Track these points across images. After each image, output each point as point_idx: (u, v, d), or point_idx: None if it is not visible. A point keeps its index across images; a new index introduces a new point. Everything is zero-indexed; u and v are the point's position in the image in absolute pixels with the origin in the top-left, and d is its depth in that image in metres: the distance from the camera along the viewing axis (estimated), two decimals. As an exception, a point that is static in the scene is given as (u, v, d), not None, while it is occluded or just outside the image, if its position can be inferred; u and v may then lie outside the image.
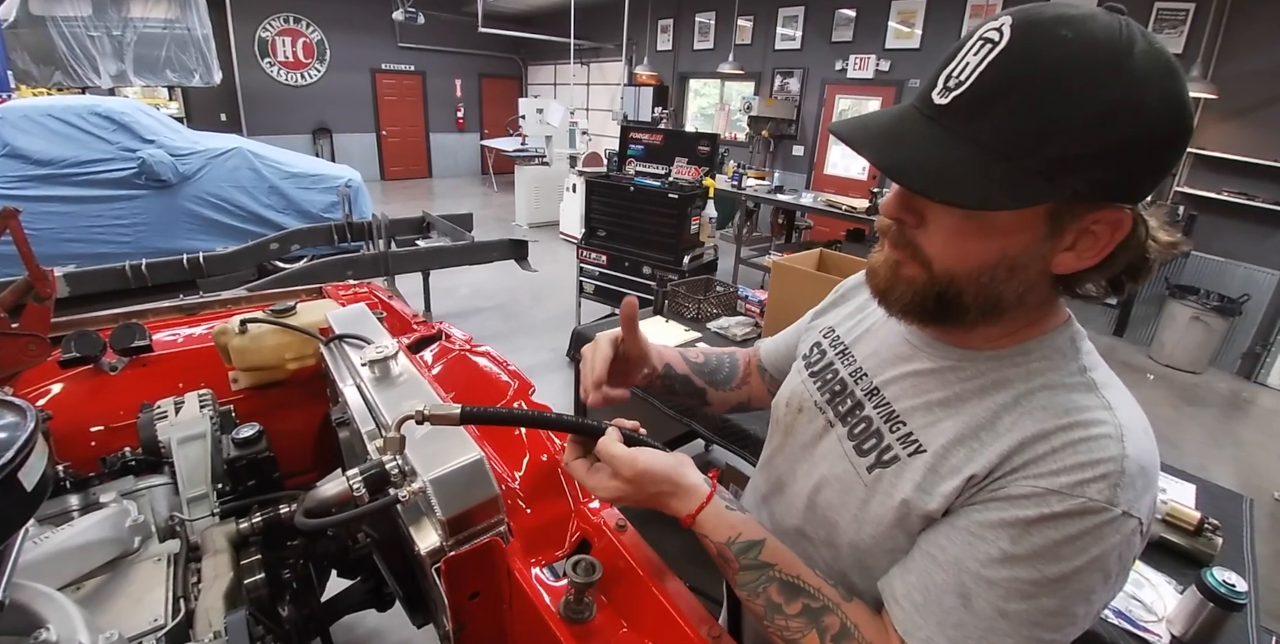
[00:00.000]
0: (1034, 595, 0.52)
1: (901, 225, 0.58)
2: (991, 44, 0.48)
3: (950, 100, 0.50)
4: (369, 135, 11.39)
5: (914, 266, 0.58)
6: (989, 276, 0.55)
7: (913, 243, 0.58)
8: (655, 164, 4.25)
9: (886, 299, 0.62)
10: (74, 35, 6.97)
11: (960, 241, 0.55)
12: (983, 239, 0.54)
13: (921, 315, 0.60)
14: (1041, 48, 0.47)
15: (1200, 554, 1.35)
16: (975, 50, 0.49)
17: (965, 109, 0.50)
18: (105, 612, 0.80)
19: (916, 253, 0.57)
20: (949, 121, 0.51)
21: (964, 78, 0.49)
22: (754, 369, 1.01)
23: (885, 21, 6.83)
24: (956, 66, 0.50)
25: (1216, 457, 3.78)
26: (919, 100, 0.54)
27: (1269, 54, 4.63)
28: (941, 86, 0.51)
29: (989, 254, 0.54)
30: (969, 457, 0.57)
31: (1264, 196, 4.70)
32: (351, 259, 4.08)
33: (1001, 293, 0.56)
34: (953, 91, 0.50)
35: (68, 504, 0.99)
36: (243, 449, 1.06)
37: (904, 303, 0.60)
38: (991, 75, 0.48)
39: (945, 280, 0.56)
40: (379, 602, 1.32)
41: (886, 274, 0.61)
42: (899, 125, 0.54)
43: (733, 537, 0.64)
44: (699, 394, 0.95)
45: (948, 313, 0.58)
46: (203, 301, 1.63)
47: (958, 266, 0.55)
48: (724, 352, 1.01)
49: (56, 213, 4.56)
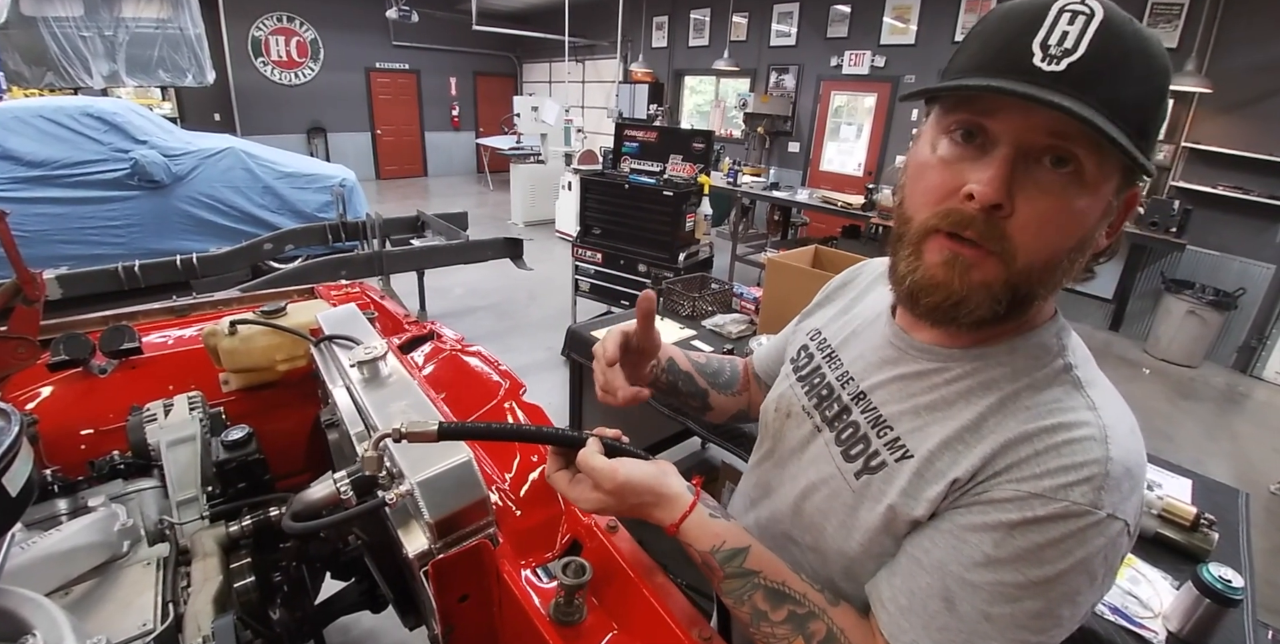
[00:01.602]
0: (1018, 599, 0.51)
1: (993, 214, 0.51)
2: (1085, 16, 0.48)
3: (1066, 67, 0.48)
4: (363, 134, 11.36)
5: (991, 266, 0.53)
6: (1068, 260, 0.53)
7: (1004, 234, 0.52)
8: (650, 161, 4.24)
9: (956, 312, 0.55)
10: (66, 36, 6.92)
11: (1060, 223, 0.51)
12: (1081, 217, 0.52)
13: (989, 321, 0.55)
14: (1127, 24, 0.48)
15: (1196, 550, 1.34)
16: (1069, 21, 0.48)
17: (1087, 74, 0.48)
18: (93, 617, 0.79)
19: (1004, 246, 0.52)
20: (1068, 88, 0.48)
21: (1071, 45, 0.48)
22: (751, 376, 1.00)
23: (880, 17, 6.82)
24: (1051, 35, 0.48)
25: (1212, 451, 3.79)
26: (1011, 71, 0.49)
27: (1263, 48, 4.63)
28: (1043, 55, 0.48)
29: (1076, 234, 0.52)
30: (954, 461, 0.57)
31: (1259, 190, 4.70)
32: (345, 259, 4.07)
33: (1066, 275, 0.55)
34: (1063, 58, 0.48)
35: (56, 508, 0.98)
36: (232, 452, 1.05)
37: (980, 313, 0.55)
38: (1104, 43, 0.48)
39: (1024, 274, 0.53)
40: (373, 603, 1.31)
41: (958, 283, 0.54)
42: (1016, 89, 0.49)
43: (717, 545, 0.63)
44: (701, 396, 0.95)
45: (1015, 311, 0.55)
46: (193, 303, 1.62)
47: (1043, 254, 0.52)
48: (724, 357, 1.00)
49: (49, 214, 4.55)
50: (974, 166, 0.52)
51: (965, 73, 0.52)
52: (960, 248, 0.53)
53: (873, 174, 7.15)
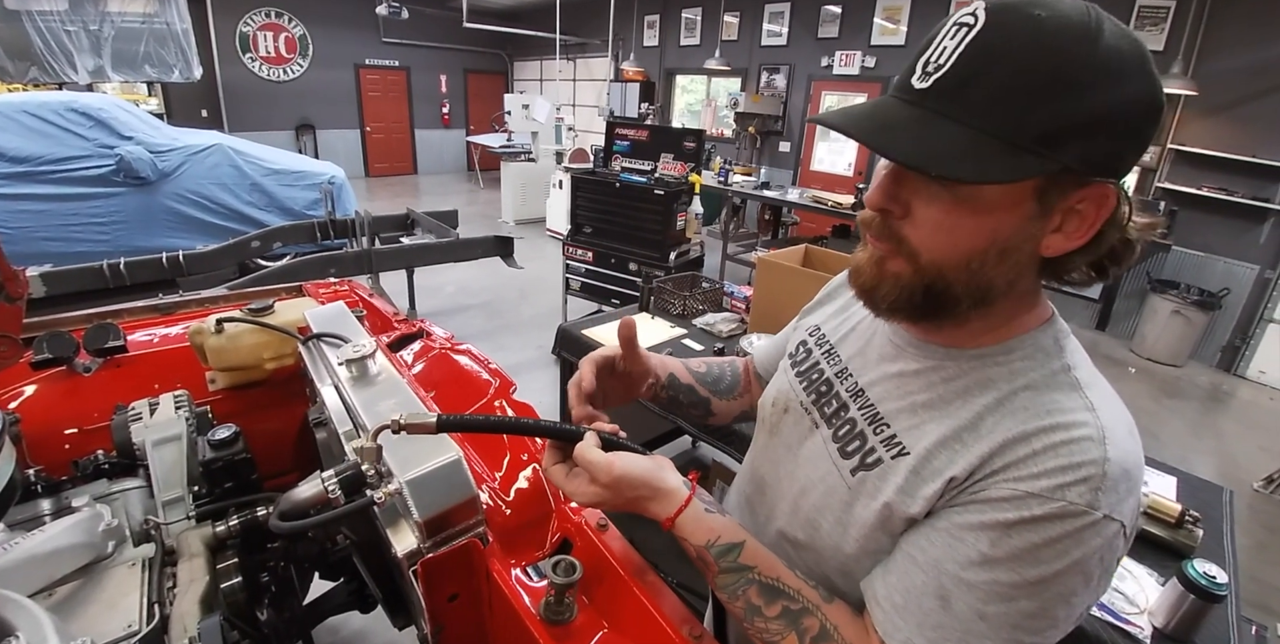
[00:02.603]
0: (1013, 598, 0.52)
1: (887, 217, 0.56)
2: (967, 27, 0.49)
3: (931, 83, 0.50)
4: (353, 131, 11.28)
5: (899, 260, 0.57)
6: (979, 262, 0.54)
7: (898, 235, 0.56)
8: (641, 160, 4.23)
9: (873, 298, 0.60)
10: (50, 30, 6.82)
11: (950, 227, 0.53)
12: (973, 222, 0.53)
13: (910, 312, 0.59)
14: (1017, 25, 0.47)
15: (1181, 546, 1.36)
16: (951, 35, 0.49)
17: (948, 89, 0.49)
18: (78, 618, 0.78)
19: (902, 245, 0.56)
20: (932, 104, 0.50)
21: (943, 61, 0.49)
22: (753, 376, 1.00)
23: (871, 18, 6.83)
24: (934, 52, 0.51)
25: (1197, 448, 3.84)
26: (897, 89, 0.54)
27: (1248, 51, 4.67)
28: (920, 72, 0.51)
29: (979, 238, 0.53)
30: (951, 459, 0.57)
31: (1243, 192, 4.75)
32: (334, 257, 4.04)
33: (992, 279, 0.55)
34: (933, 75, 0.50)
35: (39, 509, 0.97)
36: (219, 451, 1.04)
37: (891, 299, 0.58)
38: (970, 54, 0.48)
39: (933, 272, 0.55)
40: (362, 603, 1.31)
41: (871, 271, 0.59)
42: (882, 112, 0.53)
43: (712, 540, 0.63)
44: (704, 404, 0.94)
45: (938, 307, 0.57)
46: (179, 301, 1.60)
47: (946, 255, 0.54)
48: (724, 361, 1.00)
49: (32, 211, 4.50)
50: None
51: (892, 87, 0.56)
52: (876, 243, 0.58)
53: (863, 174, 7.16)
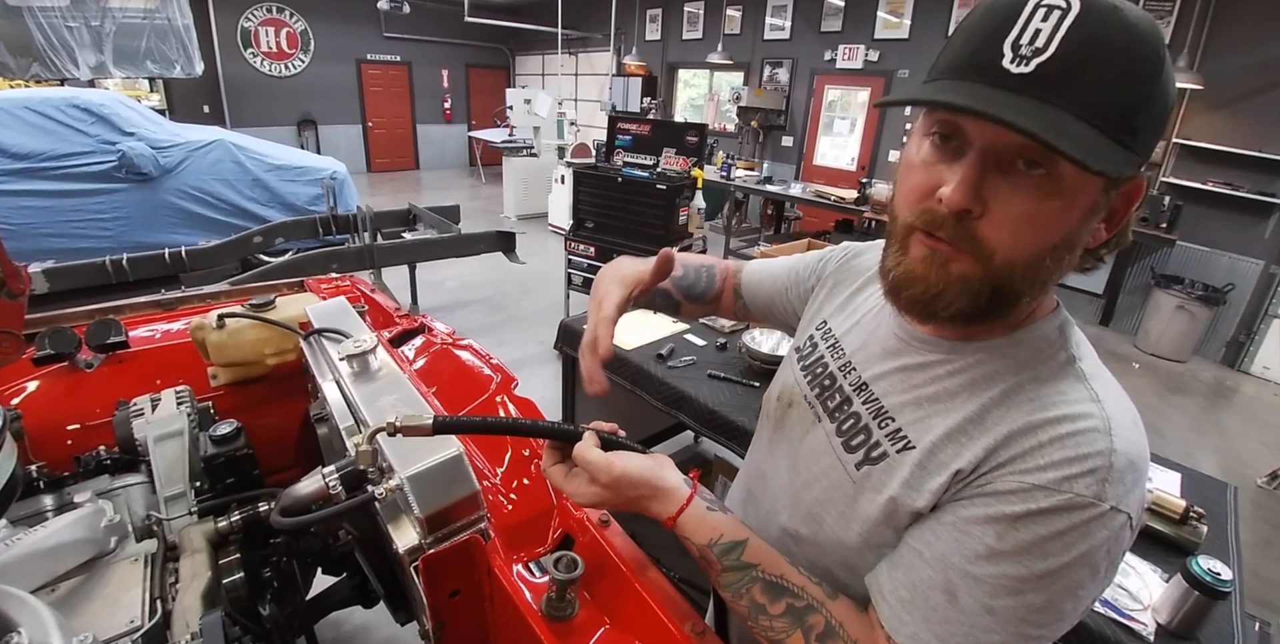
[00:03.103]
0: (1020, 591, 0.51)
1: (964, 217, 0.52)
2: (1061, 11, 0.46)
3: (1035, 68, 0.46)
4: (355, 127, 11.27)
5: (967, 262, 0.53)
6: (1051, 258, 0.52)
7: (975, 236, 0.52)
8: (643, 155, 4.22)
9: (935, 305, 0.56)
10: (51, 26, 6.82)
11: (1033, 225, 0.51)
12: (1057, 217, 0.51)
13: (971, 315, 0.55)
14: (1108, 12, 0.46)
15: (1186, 542, 1.35)
16: (1043, 17, 0.46)
17: (1054, 75, 0.46)
18: (80, 614, 0.79)
19: (977, 245, 0.52)
20: (1037, 90, 0.47)
21: (1042, 44, 0.46)
22: (729, 287, 0.98)
23: (874, 11, 6.80)
24: (1023, 34, 0.47)
25: (1201, 444, 3.83)
26: (982, 73, 0.49)
27: (1254, 46, 4.64)
28: (1013, 55, 0.47)
29: (1056, 234, 0.51)
30: (957, 452, 0.56)
31: (1248, 187, 4.72)
32: (336, 252, 4.04)
33: (1053, 274, 0.54)
34: (1032, 59, 0.46)
35: (41, 504, 0.97)
36: (220, 446, 1.04)
37: (959, 306, 0.55)
38: (1076, 40, 0.45)
39: (1004, 272, 0.52)
40: (364, 599, 1.31)
41: (935, 277, 0.54)
42: (980, 96, 0.48)
43: (714, 538, 0.63)
44: (673, 307, 0.96)
45: (1000, 306, 0.55)
46: (181, 296, 1.60)
47: (1023, 253, 0.52)
48: (702, 264, 0.98)
49: (35, 207, 4.50)
50: (949, 169, 0.52)
51: (945, 72, 0.52)
52: (937, 244, 0.54)
53: (866, 168, 7.15)
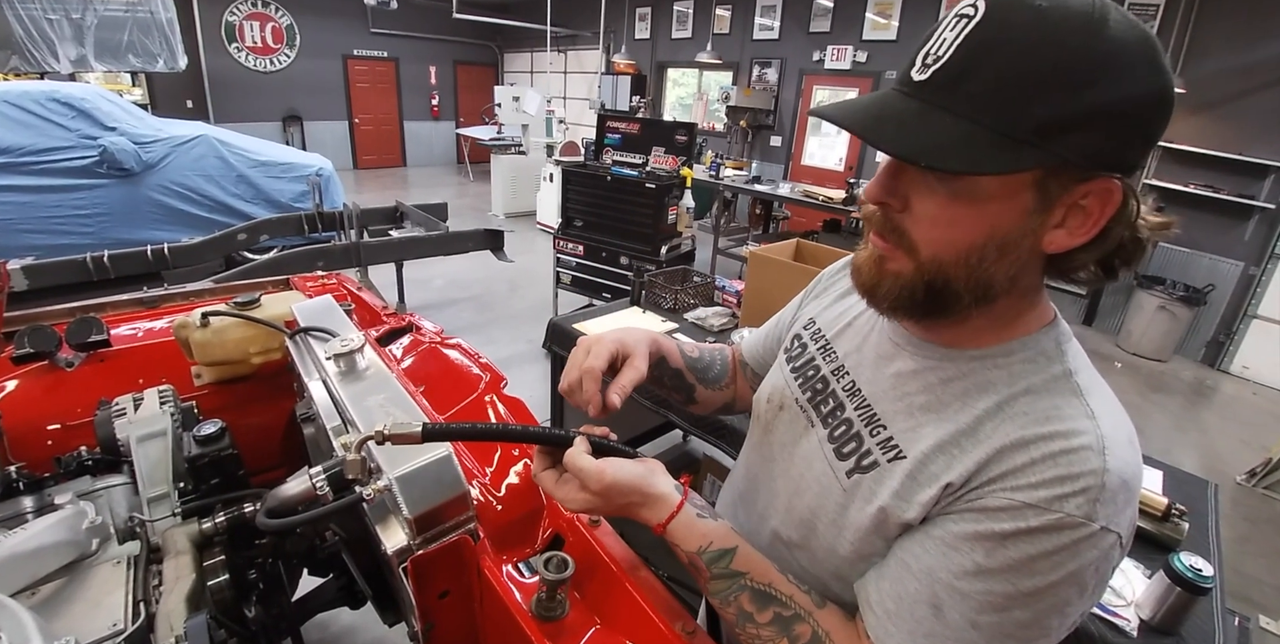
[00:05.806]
0: (1007, 608, 0.51)
1: (886, 210, 0.56)
2: (967, 18, 0.48)
3: (929, 75, 0.50)
4: (341, 123, 11.16)
5: (899, 258, 0.56)
6: (978, 257, 0.53)
7: (899, 228, 0.56)
8: (633, 153, 4.21)
9: (874, 296, 0.60)
10: (31, 18, 6.69)
11: (947, 221, 0.53)
12: (970, 216, 0.52)
13: (911, 310, 0.58)
14: (1017, 15, 0.46)
15: (1168, 539, 1.37)
16: (951, 26, 0.49)
17: (945, 81, 0.49)
18: (62, 617, 0.77)
19: (903, 240, 0.55)
20: (929, 95, 0.50)
21: (942, 53, 0.49)
22: (739, 367, 0.98)
23: (863, 13, 6.83)
24: (934, 45, 0.50)
25: (1181, 442, 3.88)
26: (898, 82, 0.53)
27: (1236, 50, 4.71)
28: (920, 65, 0.51)
29: (978, 232, 0.52)
30: (948, 464, 0.56)
31: (1229, 189, 4.80)
32: (322, 250, 4.00)
33: (993, 275, 0.54)
34: (931, 67, 0.50)
35: (21, 506, 0.95)
36: (205, 447, 1.02)
37: (893, 298, 0.58)
38: (969, 45, 0.48)
39: (933, 268, 0.55)
40: (351, 600, 1.30)
41: (871, 270, 0.59)
42: (880, 105, 0.53)
43: (703, 546, 0.63)
44: (688, 390, 0.93)
45: (939, 304, 0.56)
46: (164, 294, 1.58)
47: (945, 250, 0.54)
48: (715, 348, 0.99)
49: (14, 203, 4.41)
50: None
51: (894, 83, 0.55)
52: (878, 241, 0.58)
53: (854, 169, 7.18)
